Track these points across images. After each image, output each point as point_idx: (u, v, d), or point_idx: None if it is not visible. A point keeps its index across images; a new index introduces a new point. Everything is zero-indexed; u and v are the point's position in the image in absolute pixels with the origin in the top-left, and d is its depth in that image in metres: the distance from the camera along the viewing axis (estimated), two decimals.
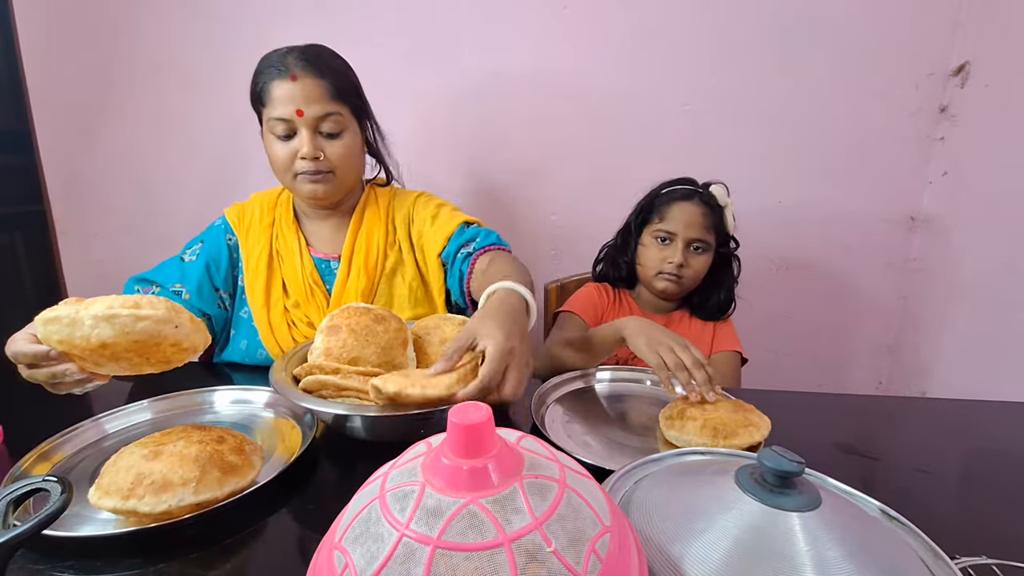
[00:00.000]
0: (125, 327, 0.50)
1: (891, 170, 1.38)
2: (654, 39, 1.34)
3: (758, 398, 0.74)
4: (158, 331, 0.51)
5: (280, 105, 0.85)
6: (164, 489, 0.48)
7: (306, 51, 0.87)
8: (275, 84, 0.85)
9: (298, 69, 0.85)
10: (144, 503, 0.47)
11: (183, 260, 0.95)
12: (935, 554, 0.39)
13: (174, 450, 0.51)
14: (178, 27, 1.39)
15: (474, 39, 1.36)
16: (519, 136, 1.42)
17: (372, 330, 0.71)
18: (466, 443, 0.30)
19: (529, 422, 0.70)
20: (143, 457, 0.50)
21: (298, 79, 0.84)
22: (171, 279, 0.93)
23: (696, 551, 0.34)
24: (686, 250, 1.03)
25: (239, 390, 0.76)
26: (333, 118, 0.87)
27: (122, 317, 0.50)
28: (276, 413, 0.72)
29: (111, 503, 0.47)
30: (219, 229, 0.99)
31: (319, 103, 0.85)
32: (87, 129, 1.45)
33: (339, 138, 0.89)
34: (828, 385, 1.55)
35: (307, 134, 0.86)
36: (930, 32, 1.29)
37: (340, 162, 0.89)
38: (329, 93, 0.86)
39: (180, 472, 0.49)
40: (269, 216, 0.99)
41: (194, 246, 0.97)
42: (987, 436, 0.76)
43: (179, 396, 0.74)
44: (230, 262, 0.97)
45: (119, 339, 0.50)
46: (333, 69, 0.88)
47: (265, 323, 0.93)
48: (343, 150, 0.89)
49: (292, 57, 0.86)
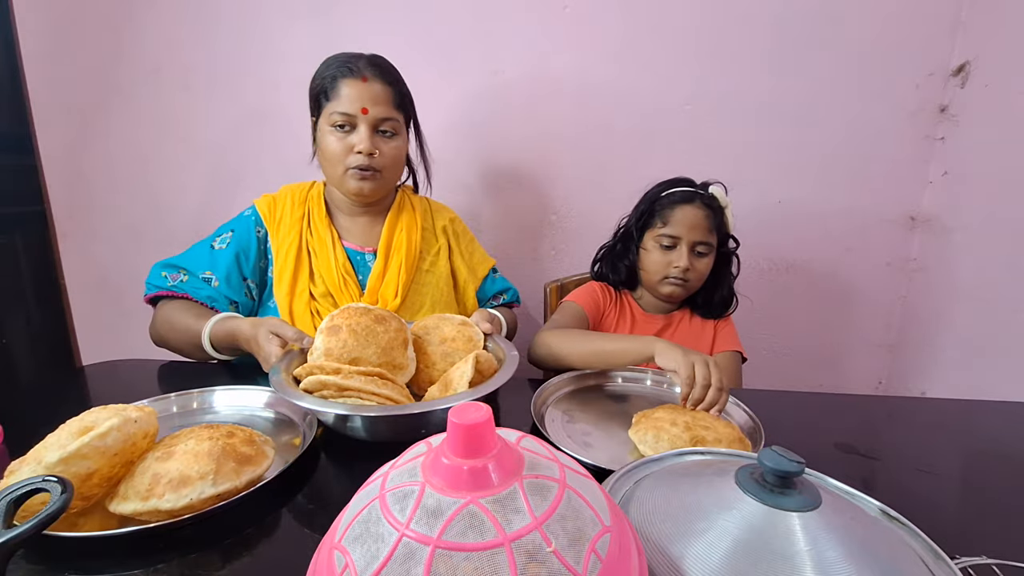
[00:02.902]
0: (98, 449, 0.47)
1: (891, 170, 1.38)
2: (654, 39, 1.34)
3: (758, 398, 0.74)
4: (129, 434, 0.50)
5: (348, 101, 0.92)
6: (183, 484, 0.47)
7: (376, 59, 0.96)
8: (346, 82, 0.92)
9: (369, 72, 0.93)
10: (165, 500, 0.47)
11: (212, 247, 0.97)
12: (935, 554, 0.39)
13: (186, 448, 0.50)
14: (178, 28, 1.39)
15: (474, 39, 1.36)
16: (519, 136, 1.42)
17: (372, 330, 0.71)
18: (466, 443, 0.30)
19: (529, 422, 0.70)
20: (156, 459, 0.50)
21: (369, 81, 0.93)
22: (201, 266, 0.95)
23: (696, 551, 0.34)
24: (690, 253, 1.02)
25: (238, 390, 0.75)
26: (391, 122, 0.95)
27: (87, 444, 0.47)
28: (276, 413, 0.72)
29: (131, 507, 0.47)
30: (249, 220, 1.01)
31: (383, 106, 0.94)
32: (87, 129, 1.46)
33: (393, 140, 0.96)
34: (828, 385, 1.55)
35: (366, 131, 0.93)
36: (930, 32, 1.29)
37: (390, 163, 0.97)
38: (393, 100, 0.95)
39: (196, 467, 0.49)
40: (300, 209, 1.02)
41: (224, 234, 0.98)
42: (987, 436, 0.76)
43: (180, 396, 0.74)
44: (258, 253, 0.99)
45: (100, 462, 0.48)
46: (397, 80, 0.97)
47: (287, 311, 0.95)
48: (395, 152, 0.97)
49: (363, 62, 0.94)
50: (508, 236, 1.49)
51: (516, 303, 1.19)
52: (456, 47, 1.37)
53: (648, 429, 0.64)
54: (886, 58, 1.31)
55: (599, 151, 1.41)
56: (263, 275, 1.00)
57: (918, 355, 1.46)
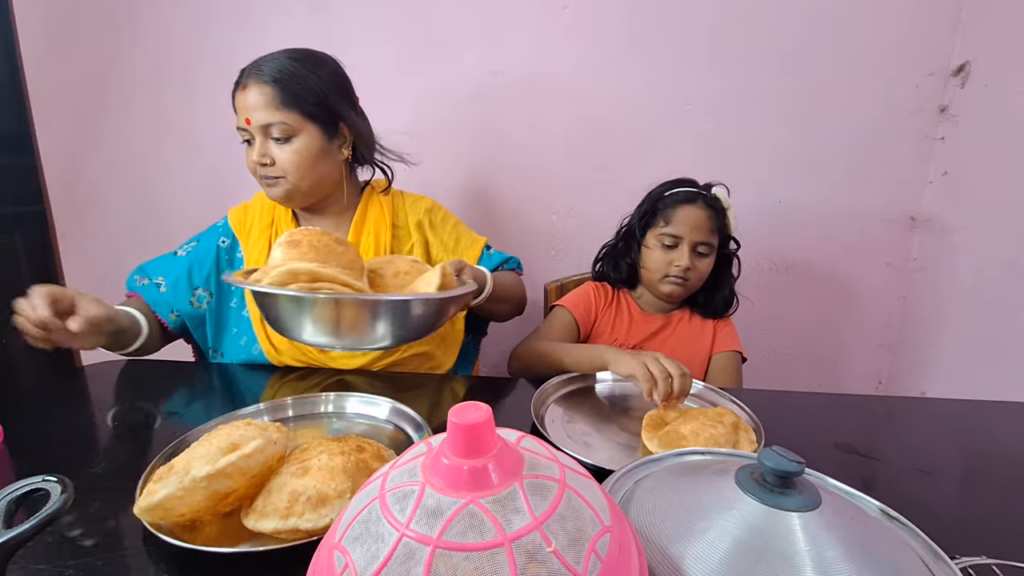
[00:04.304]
0: (241, 469, 0.47)
1: (891, 170, 1.38)
2: (654, 39, 1.34)
3: (758, 398, 0.74)
4: (268, 456, 0.49)
5: (238, 114, 0.89)
6: (322, 503, 0.47)
7: (263, 59, 0.89)
8: (235, 95, 0.90)
9: (249, 79, 0.87)
10: (305, 520, 0.46)
11: (175, 255, 0.99)
12: (935, 554, 0.39)
13: (320, 464, 0.50)
14: (178, 27, 1.39)
15: (474, 39, 1.36)
16: (519, 136, 1.42)
17: (333, 249, 0.69)
18: (466, 443, 0.30)
19: (529, 422, 0.70)
20: (292, 475, 0.49)
21: (248, 88, 0.87)
22: (157, 271, 0.97)
23: (696, 551, 0.34)
24: (692, 253, 1.03)
25: (363, 399, 0.74)
26: (280, 126, 0.87)
27: (232, 464, 0.46)
28: (394, 427, 0.70)
29: (271, 525, 0.46)
30: (216, 230, 1.01)
31: (263, 111, 0.87)
32: (87, 129, 1.46)
33: (288, 143, 0.89)
34: (828, 385, 1.55)
35: (257, 140, 0.89)
36: (930, 32, 1.29)
37: (290, 167, 0.90)
38: (275, 100, 0.87)
39: (333, 484, 0.48)
40: (269, 216, 1.01)
41: (190, 243, 1.00)
42: (987, 436, 0.76)
43: (296, 400, 0.73)
44: (217, 264, 0.98)
45: (240, 482, 0.48)
46: (287, 76, 0.87)
47: (258, 316, 0.95)
48: (292, 156, 0.89)
49: (249, 68, 0.89)
50: (508, 236, 1.49)
51: (519, 270, 1.12)
52: (456, 47, 1.37)
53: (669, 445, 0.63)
54: (886, 58, 1.31)
55: (599, 151, 1.41)
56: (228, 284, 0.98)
57: (918, 355, 1.46)
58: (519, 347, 1.01)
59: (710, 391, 0.80)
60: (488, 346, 1.26)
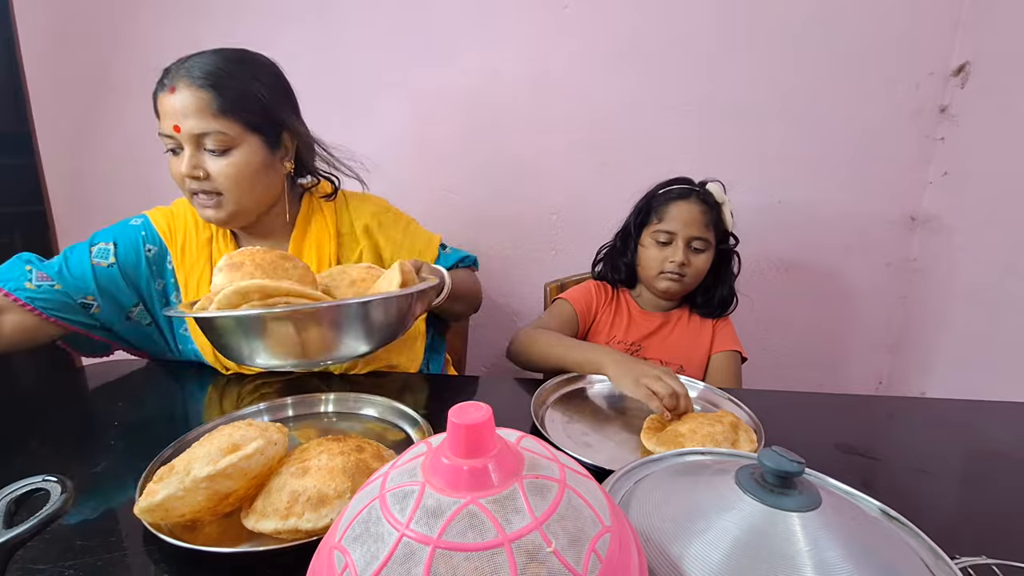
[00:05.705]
0: (242, 470, 0.47)
1: (891, 170, 1.38)
2: (654, 39, 1.34)
3: (758, 398, 0.74)
4: (269, 457, 0.49)
5: (163, 119, 0.78)
6: (322, 503, 0.47)
7: (193, 59, 0.77)
8: (159, 97, 0.77)
9: (179, 80, 0.76)
10: (305, 520, 0.46)
11: (93, 265, 0.84)
12: (935, 554, 0.39)
13: (320, 464, 0.50)
14: (178, 27, 1.39)
15: (474, 39, 1.36)
16: (519, 136, 1.42)
17: (280, 266, 0.65)
18: (466, 443, 0.30)
19: (529, 422, 0.70)
20: (292, 475, 0.49)
21: (176, 91, 0.75)
22: (79, 288, 0.82)
23: (696, 551, 0.34)
24: (687, 249, 1.03)
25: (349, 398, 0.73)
26: (215, 136, 0.77)
27: (233, 464, 0.46)
28: (391, 425, 0.70)
29: (271, 525, 0.46)
30: (136, 234, 0.88)
31: (195, 118, 0.76)
32: (87, 129, 1.46)
33: (226, 156, 0.78)
34: (828, 385, 1.55)
35: (188, 150, 0.78)
36: (930, 32, 1.29)
37: (228, 184, 0.79)
38: (212, 107, 0.76)
39: (333, 485, 0.48)
40: (206, 232, 0.90)
41: (101, 243, 0.86)
42: (987, 436, 0.76)
43: (297, 400, 0.72)
44: (150, 274, 0.87)
45: (241, 483, 0.47)
46: (220, 80, 0.76)
47: (211, 352, 0.88)
48: (230, 169, 0.79)
49: (177, 67, 0.77)
50: (508, 236, 1.49)
51: (474, 267, 1.08)
52: (456, 47, 1.37)
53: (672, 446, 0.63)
54: (886, 58, 1.31)
55: (599, 151, 1.41)
56: (162, 296, 0.89)
57: (918, 355, 1.46)
58: (520, 332, 0.99)
59: (710, 391, 0.79)
60: (488, 345, 1.26)
